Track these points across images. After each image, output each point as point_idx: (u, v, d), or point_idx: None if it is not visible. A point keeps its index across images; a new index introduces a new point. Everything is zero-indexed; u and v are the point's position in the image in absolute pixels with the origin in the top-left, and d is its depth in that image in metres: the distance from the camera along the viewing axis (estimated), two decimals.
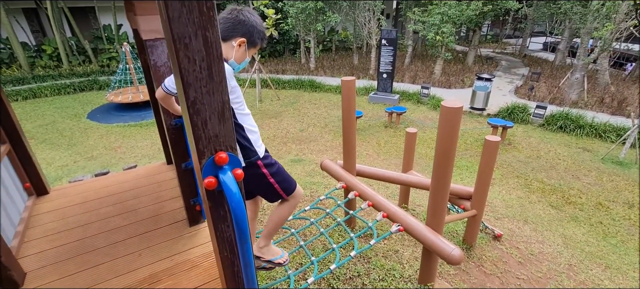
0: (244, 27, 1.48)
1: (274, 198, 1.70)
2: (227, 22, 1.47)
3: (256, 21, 1.52)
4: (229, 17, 1.48)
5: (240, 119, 1.53)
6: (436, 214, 2.21)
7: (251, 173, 1.58)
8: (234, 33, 1.48)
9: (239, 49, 1.49)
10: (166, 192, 2.54)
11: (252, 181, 1.63)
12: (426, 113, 9.12)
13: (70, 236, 2.02)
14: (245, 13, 1.49)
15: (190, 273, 1.75)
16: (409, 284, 2.42)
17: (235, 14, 1.48)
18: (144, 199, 2.42)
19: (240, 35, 1.48)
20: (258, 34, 1.53)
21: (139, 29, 1.98)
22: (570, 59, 14.82)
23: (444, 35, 10.76)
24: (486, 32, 23.54)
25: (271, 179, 1.62)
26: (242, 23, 1.47)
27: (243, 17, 1.47)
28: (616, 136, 7.18)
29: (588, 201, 4.93)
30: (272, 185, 1.64)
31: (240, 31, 1.48)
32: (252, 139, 1.56)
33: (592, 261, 3.40)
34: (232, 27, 1.47)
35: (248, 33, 1.49)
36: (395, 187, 4.72)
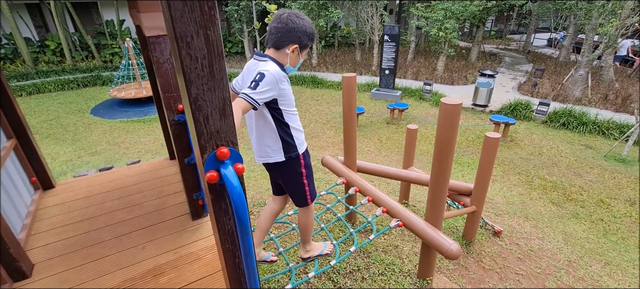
0: (294, 33, 1.60)
1: (300, 200, 1.87)
2: (279, 32, 1.59)
3: (305, 24, 1.62)
4: (280, 27, 1.59)
5: (287, 118, 1.67)
6: (435, 209, 2.24)
7: (290, 169, 1.75)
8: (286, 41, 1.60)
9: (292, 54, 1.63)
10: (169, 186, 2.59)
11: (288, 176, 1.78)
12: (428, 110, 9.11)
13: (76, 229, 2.06)
14: (294, 19, 1.59)
15: (193, 265, 1.79)
16: (408, 279, 2.46)
17: (285, 22, 1.58)
18: (147, 194, 2.47)
19: (292, 42, 1.61)
20: (307, 36, 1.64)
21: (141, 26, 2.01)
22: (575, 55, 14.72)
23: (447, 31, 10.71)
24: (490, 28, 23.39)
25: (305, 179, 1.80)
26: (292, 30, 1.59)
27: (292, 24, 1.58)
28: (619, 133, 7.15)
29: (589, 198, 4.94)
30: (304, 186, 1.81)
31: (292, 38, 1.60)
32: (295, 136, 1.71)
33: (592, 258, 3.42)
34: (284, 36, 1.59)
35: (298, 38, 1.61)
36: (396, 184, 4.75)
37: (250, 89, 1.48)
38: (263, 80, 1.49)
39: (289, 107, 1.67)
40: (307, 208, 1.93)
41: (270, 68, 1.53)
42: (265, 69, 1.52)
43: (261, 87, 1.48)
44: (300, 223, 2.01)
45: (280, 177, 1.83)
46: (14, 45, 12.61)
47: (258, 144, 1.75)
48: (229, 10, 14.03)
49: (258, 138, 1.74)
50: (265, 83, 1.49)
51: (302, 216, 1.96)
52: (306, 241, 2.09)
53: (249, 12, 13.68)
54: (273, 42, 1.62)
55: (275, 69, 1.53)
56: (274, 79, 1.51)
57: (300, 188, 1.81)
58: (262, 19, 11.24)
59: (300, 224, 2.01)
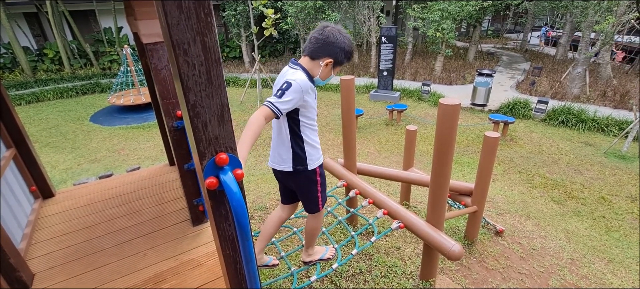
0: (333, 48, 1.59)
1: (311, 207, 1.89)
2: (318, 43, 1.59)
3: (345, 42, 1.61)
4: (320, 38, 1.59)
5: (303, 130, 1.68)
6: (436, 210, 2.23)
7: (302, 178, 1.77)
8: (323, 53, 1.60)
9: (325, 68, 1.63)
10: (169, 193, 2.58)
11: (301, 184, 1.81)
12: (427, 110, 9.12)
13: (77, 238, 2.06)
14: (335, 33, 1.59)
15: (194, 271, 1.79)
16: (410, 281, 2.45)
17: (326, 34, 1.58)
18: (147, 200, 2.46)
19: (328, 56, 1.60)
20: (345, 54, 1.64)
21: (139, 33, 2.01)
22: (572, 53, 14.75)
23: (444, 31, 10.74)
24: (487, 27, 23.44)
25: (319, 186, 1.83)
26: (331, 44, 1.58)
27: (333, 39, 1.58)
28: (618, 130, 7.16)
29: (590, 195, 4.93)
30: (317, 193, 1.84)
31: (329, 52, 1.60)
32: (307, 151, 1.72)
33: (594, 256, 3.41)
34: (322, 47, 1.59)
35: (335, 54, 1.61)
36: (397, 185, 4.74)
37: (275, 97, 1.49)
38: (289, 89, 1.49)
39: (308, 119, 1.67)
40: (317, 214, 1.95)
41: (298, 77, 1.53)
42: (293, 78, 1.52)
43: (287, 96, 1.48)
44: (307, 228, 2.03)
45: (293, 183, 1.85)
46: (13, 55, 12.63)
47: (274, 149, 1.79)
48: (226, 15, 14.07)
49: (275, 144, 1.78)
50: (290, 92, 1.49)
51: (311, 221, 1.98)
52: (310, 245, 2.10)
53: (246, 16, 13.72)
54: (309, 51, 1.62)
55: (302, 79, 1.53)
56: (300, 88, 1.51)
57: (312, 196, 1.85)
58: (260, 23, 11.25)
59: (308, 229, 2.03)
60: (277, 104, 1.46)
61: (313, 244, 2.11)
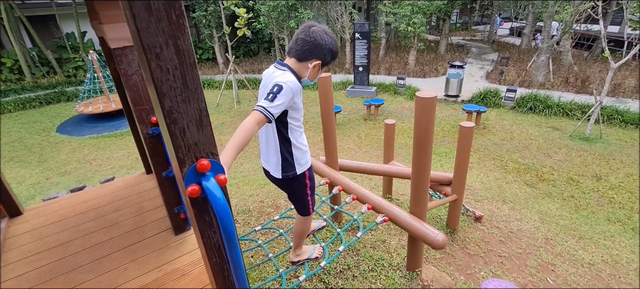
0: (321, 50, 1.59)
1: (302, 209, 1.93)
2: (306, 45, 1.57)
3: (331, 43, 1.61)
4: (307, 40, 1.57)
5: (291, 133, 1.67)
6: (418, 201, 2.28)
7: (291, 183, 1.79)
8: (311, 56, 1.59)
9: (313, 69, 1.62)
10: (148, 202, 2.49)
11: (290, 190, 1.85)
12: (403, 103, 9.29)
13: (51, 256, 1.94)
14: (322, 35, 1.58)
15: (180, 281, 1.73)
16: (397, 272, 2.49)
17: (314, 36, 1.56)
18: (125, 211, 2.36)
19: (316, 58, 1.60)
20: (331, 55, 1.64)
21: (105, 38, 1.92)
22: (535, 42, 15.46)
23: (415, 25, 10.96)
24: (455, 20, 24.16)
25: (308, 190, 1.85)
26: (319, 47, 1.58)
27: (321, 40, 1.57)
28: (581, 114, 7.58)
29: (560, 177, 5.20)
30: (307, 197, 1.86)
31: (317, 54, 1.59)
32: (295, 155, 1.72)
33: (566, 234, 3.60)
34: (310, 50, 1.58)
35: (322, 56, 1.60)
36: (379, 179, 4.81)
37: (267, 101, 1.44)
38: (281, 92, 1.46)
39: (296, 122, 1.67)
40: (307, 218, 1.98)
41: (288, 79, 1.50)
42: (283, 80, 1.49)
43: (278, 99, 1.45)
44: (296, 229, 2.04)
45: (282, 187, 1.87)
46: None
47: (263, 150, 1.80)
48: (196, 15, 13.72)
49: (263, 146, 1.78)
50: (282, 95, 1.46)
51: (301, 223, 2.00)
52: (298, 245, 2.11)
53: (217, 17, 13.43)
54: (297, 53, 1.60)
55: (293, 81, 1.52)
56: (291, 91, 1.49)
57: (303, 199, 1.87)
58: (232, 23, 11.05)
59: (297, 230, 2.04)
60: (270, 108, 1.43)
61: (301, 244, 2.11)
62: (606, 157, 5.80)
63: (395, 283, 2.40)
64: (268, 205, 3.58)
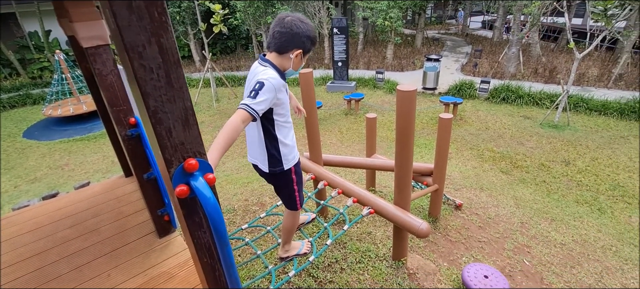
0: (299, 38, 1.57)
1: (290, 204, 1.93)
2: (283, 37, 1.56)
3: (308, 29, 1.59)
4: (284, 32, 1.55)
5: (278, 130, 1.67)
6: (402, 193, 2.33)
7: (280, 178, 1.80)
8: (291, 46, 1.58)
9: (296, 59, 1.62)
10: (128, 206, 2.41)
11: (278, 184, 1.86)
12: (383, 97, 9.42)
13: (27, 267, 1.85)
14: (298, 23, 1.56)
15: (168, 284, 1.70)
16: (384, 262, 2.55)
17: (289, 26, 1.55)
18: (105, 217, 2.28)
19: (296, 47, 1.58)
20: (311, 41, 1.63)
21: (77, 37, 1.84)
22: (506, 34, 16.03)
23: (391, 20, 11.11)
24: (430, 14, 24.64)
25: (295, 186, 1.86)
26: (297, 35, 1.56)
27: (297, 29, 1.55)
28: (550, 102, 7.95)
29: (532, 163, 5.45)
30: (294, 192, 1.87)
31: (296, 43, 1.58)
32: (283, 152, 1.72)
33: (540, 217, 3.79)
34: (288, 40, 1.56)
35: (302, 44, 1.59)
36: (361, 172, 4.87)
37: (250, 98, 1.43)
38: (262, 89, 1.45)
39: (282, 117, 1.66)
40: (295, 212, 1.99)
41: (269, 76, 1.49)
42: (264, 77, 1.48)
43: (260, 96, 1.43)
44: (285, 224, 2.05)
45: (270, 181, 1.88)
46: None
47: (250, 146, 1.81)
48: (169, 12, 13.30)
49: (249, 142, 1.80)
50: (264, 92, 1.45)
51: (289, 218, 2.01)
52: (287, 241, 2.12)
53: (192, 13, 13.08)
54: (276, 47, 1.59)
55: (274, 77, 1.50)
56: (273, 87, 1.47)
57: (290, 194, 1.88)
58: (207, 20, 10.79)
59: (285, 225, 2.05)
60: (253, 105, 1.41)
61: (290, 240, 2.11)
62: (573, 143, 6.13)
63: (382, 272, 2.46)
64: (253, 203, 3.55)
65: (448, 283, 2.51)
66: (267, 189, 3.92)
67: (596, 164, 5.32)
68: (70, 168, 6.31)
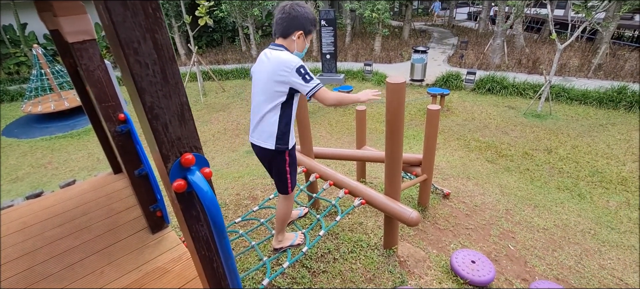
0: (299, 20, 1.72)
1: (281, 187, 1.98)
2: (283, 22, 1.71)
3: (306, 11, 1.74)
4: (283, 17, 1.71)
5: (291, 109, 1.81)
6: (393, 183, 2.38)
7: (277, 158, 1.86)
8: (292, 28, 1.73)
9: (298, 40, 1.77)
10: (119, 203, 2.39)
11: (274, 164, 1.89)
12: (372, 89, 9.47)
13: (16, 267, 1.83)
14: (296, 7, 1.72)
15: (162, 279, 1.71)
16: (375, 251, 2.61)
17: (288, 11, 1.70)
18: (95, 215, 2.26)
19: (296, 29, 1.73)
20: (310, 22, 1.77)
21: (62, 31, 1.80)
22: (491, 26, 16.27)
23: (379, 11, 11.13)
24: (417, 6, 24.74)
25: (288, 167, 1.90)
26: (295, 18, 1.71)
27: (295, 12, 1.71)
28: (533, 93, 8.16)
29: (516, 152, 5.61)
30: (286, 174, 1.92)
31: (296, 25, 1.73)
32: (291, 131, 1.85)
33: (524, 204, 3.93)
34: (289, 24, 1.71)
35: (302, 25, 1.74)
36: (352, 165, 4.92)
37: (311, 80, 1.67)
38: (305, 69, 1.68)
39: (296, 98, 1.82)
40: (287, 197, 2.03)
41: (295, 58, 1.69)
42: (295, 61, 1.67)
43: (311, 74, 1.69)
44: (278, 211, 2.08)
45: (270, 161, 1.92)
46: None
47: (258, 124, 1.83)
48: None
49: (260, 119, 1.81)
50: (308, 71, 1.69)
51: (282, 204, 2.05)
52: (280, 230, 2.14)
53: (176, 5, 12.80)
54: (280, 32, 1.75)
55: (298, 58, 1.71)
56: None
57: (283, 177, 1.93)
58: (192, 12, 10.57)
59: (279, 212, 2.08)
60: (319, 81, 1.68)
61: (283, 230, 2.14)
62: (555, 131, 6.33)
63: (374, 261, 2.52)
64: (244, 197, 3.56)
65: (437, 269, 2.59)
66: (258, 183, 3.93)
67: (576, 152, 5.51)
68: (53, 166, 6.15)
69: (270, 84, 1.71)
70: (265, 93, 1.75)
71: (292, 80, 1.67)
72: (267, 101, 1.75)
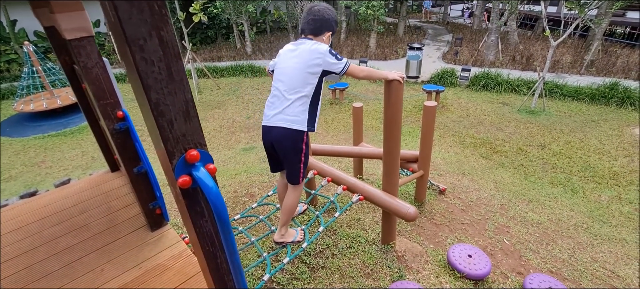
0: (329, 23, 1.96)
1: (293, 177, 2.01)
2: (316, 22, 1.93)
3: (334, 15, 2.00)
4: (316, 18, 1.93)
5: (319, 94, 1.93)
6: (391, 179, 2.40)
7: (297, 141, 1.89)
8: (324, 29, 1.96)
9: (326, 39, 1.99)
10: (117, 201, 2.38)
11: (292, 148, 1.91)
12: (367, 86, 9.50)
13: (16, 265, 1.82)
14: (328, 11, 1.96)
15: (163, 276, 1.71)
16: (373, 247, 2.63)
17: (321, 14, 1.93)
18: (93, 213, 2.25)
19: (327, 30, 1.97)
20: (336, 24, 2.03)
21: (59, 29, 1.79)
22: (486, 23, 16.37)
23: (374, 8, 11.14)
24: (412, 3, 24.78)
25: (302, 157, 1.96)
26: (327, 20, 1.95)
27: (327, 15, 1.94)
28: (527, 89, 8.25)
29: (511, 148, 5.68)
30: (301, 163, 1.97)
31: (327, 27, 1.96)
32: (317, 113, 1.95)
33: (518, 199, 3.98)
34: (322, 25, 1.94)
35: (331, 27, 1.98)
36: (348, 162, 4.95)
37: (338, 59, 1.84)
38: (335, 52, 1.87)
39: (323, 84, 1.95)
40: (297, 187, 2.07)
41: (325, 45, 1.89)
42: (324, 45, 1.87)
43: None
44: (286, 202, 2.10)
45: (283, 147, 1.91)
46: None
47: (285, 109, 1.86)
48: None
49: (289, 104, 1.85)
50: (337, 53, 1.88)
51: (291, 195, 2.08)
52: (285, 223, 2.15)
53: (169, 1, 12.66)
54: (311, 30, 1.95)
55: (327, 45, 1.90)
56: None
57: (296, 165, 1.97)
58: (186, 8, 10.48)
59: (286, 203, 2.10)
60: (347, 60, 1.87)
61: (287, 223, 2.15)
62: (549, 127, 6.41)
63: (372, 256, 2.54)
64: (242, 195, 3.57)
65: (435, 263, 2.63)
66: (255, 181, 3.94)
67: (569, 147, 5.60)
68: (47, 165, 6.09)
69: (304, 69, 1.83)
70: (297, 79, 1.84)
71: (326, 60, 1.83)
72: (299, 86, 1.85)
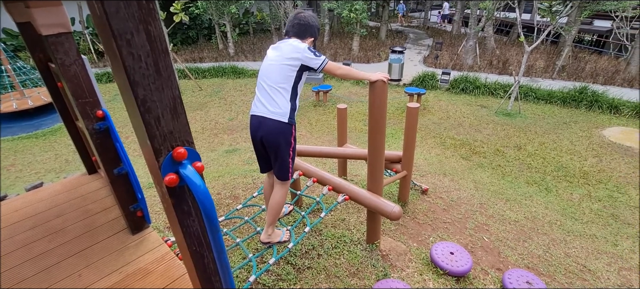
0: (312, 29, 2.08)
1: (282, 172, 2.05)
2: (301, 27, 2.04)
3: (317, 23, 2.12)
4: (301, 24, 2.04)
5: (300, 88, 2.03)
6: (375, 179, 2.44)
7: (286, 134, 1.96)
8: (307, 34, 2.06)
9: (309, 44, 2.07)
10: (95, 204, 2.30)
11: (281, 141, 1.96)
12: (350, 88, 9.58)
13: None
14: (312, 19, 2.08)
15: (145, 280, 1.67)
16: (358, 246, 2.66)
17: (306, 20, 2.05)
18: (70, 216, 2.16)
19: (310, 36, 2.07)
20: (318, 31, 2.14)
21: (34, 24, 1.72)
22: (464, 28, 16.88)
23: (357, 12, 11.27)
24: (393, 7, 25.22)
25: (291, 152, 2.02)
26: (311, 27, 2.06)
27: (311, 22, 2.06)
28: (504, 92, 8.56)
29: (489, 149, 5.87)
30: (289, 157, 2.02)
31: (311, 33, 2.07)
32: (297, 107, 2.02)
33: (496, 198, 4.12)
34: (306, 30, 2.05)
35: (313, 33, 2.09)
36: (333, 162, 4.97)
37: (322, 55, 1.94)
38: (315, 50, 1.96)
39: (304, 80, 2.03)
40: (284, 184, 2.08)
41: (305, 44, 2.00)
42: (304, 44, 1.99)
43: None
44: (273, 199, 2.11)
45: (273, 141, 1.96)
46: None
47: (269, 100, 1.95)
48: None
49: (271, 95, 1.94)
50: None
51: (278, 192, 2.09)
52: (272, 223, 2.14)
53: None
54: (296, 33, 2.05)
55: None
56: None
57: (285, 159, 2.00)
58: (167, 8, 10.26)
59: (273, 201, 2.11)
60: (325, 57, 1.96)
61: (274, 223, 2.15)
62: (524, 129, 6.67)
63: (358, 256, 2.57)
64: (225, 197, 3.52)
65: (418, 261, 2.68)
66: (239, 182, 3.89)
67: (543, 148, 5.85)
68: (17, 169, 5.79)
69: (284, 62, 1.93)
70: (279, 73, 1.94)
71: (304, 56, 1.91)
72: (280, 80, 1.94)
